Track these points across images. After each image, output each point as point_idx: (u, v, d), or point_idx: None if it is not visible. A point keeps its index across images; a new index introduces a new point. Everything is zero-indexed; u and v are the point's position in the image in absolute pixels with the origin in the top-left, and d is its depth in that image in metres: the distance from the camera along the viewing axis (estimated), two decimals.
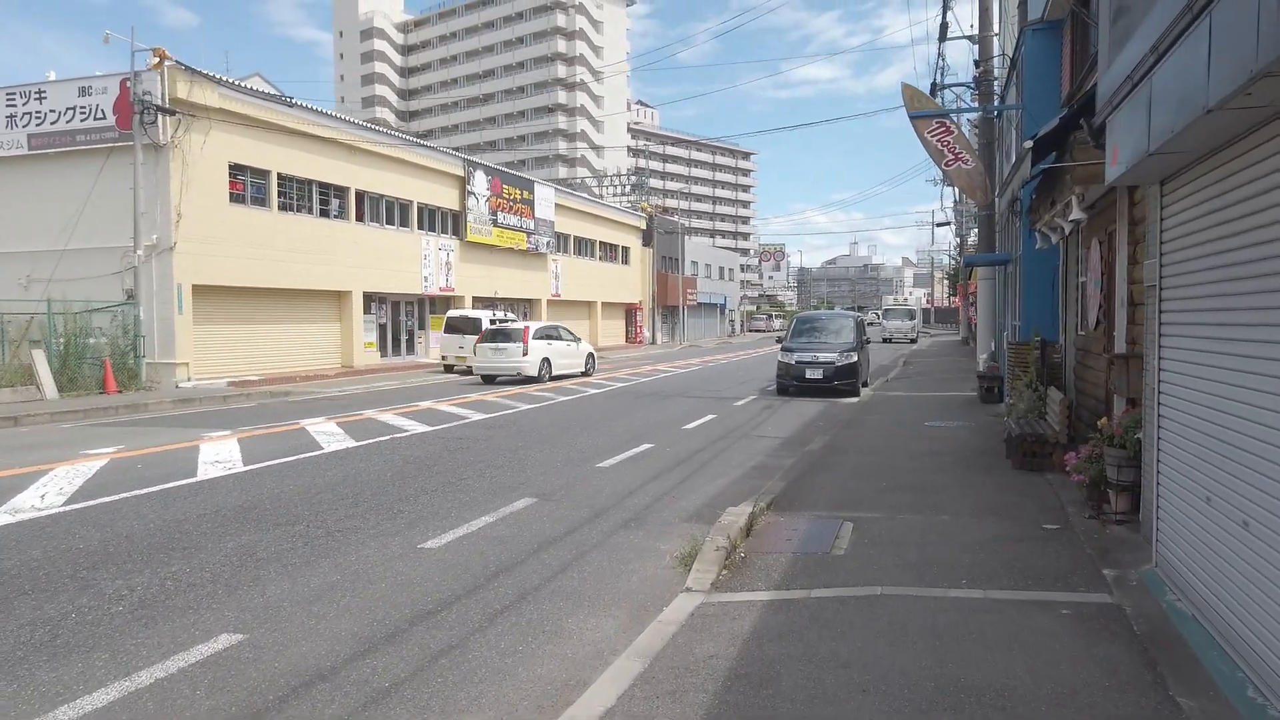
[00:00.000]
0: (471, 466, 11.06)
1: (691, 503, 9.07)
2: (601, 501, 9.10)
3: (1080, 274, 11.40)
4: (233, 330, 24.18)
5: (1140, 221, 7.81)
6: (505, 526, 7.98)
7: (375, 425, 15.09)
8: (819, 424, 15.56)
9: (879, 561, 6.38)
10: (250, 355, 24.68)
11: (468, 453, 12.20)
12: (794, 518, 7.81)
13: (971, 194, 14.31)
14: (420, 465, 11.16)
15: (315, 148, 26.37)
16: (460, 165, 34.26)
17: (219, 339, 23.58)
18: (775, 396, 20.81)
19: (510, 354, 23.94)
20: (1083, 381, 10.83)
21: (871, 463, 10.52)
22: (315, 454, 11.97)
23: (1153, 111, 4.63)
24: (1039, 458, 9.75)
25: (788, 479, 9.64)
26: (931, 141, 13.59)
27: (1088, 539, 6.80)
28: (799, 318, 24.18)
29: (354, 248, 28.26)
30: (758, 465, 11.39)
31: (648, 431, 14.61)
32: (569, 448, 12.79)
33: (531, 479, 10.30)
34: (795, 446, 12.81)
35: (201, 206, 22.34)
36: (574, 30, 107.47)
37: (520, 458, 11.83)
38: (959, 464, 10.36)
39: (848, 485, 9.17)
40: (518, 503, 8.97)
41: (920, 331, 61.09)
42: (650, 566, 6.75)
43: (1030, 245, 12.84)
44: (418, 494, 9.38)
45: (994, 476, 9.49)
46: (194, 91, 21.69)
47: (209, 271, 22.64)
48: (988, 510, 7.91)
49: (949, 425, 14.05)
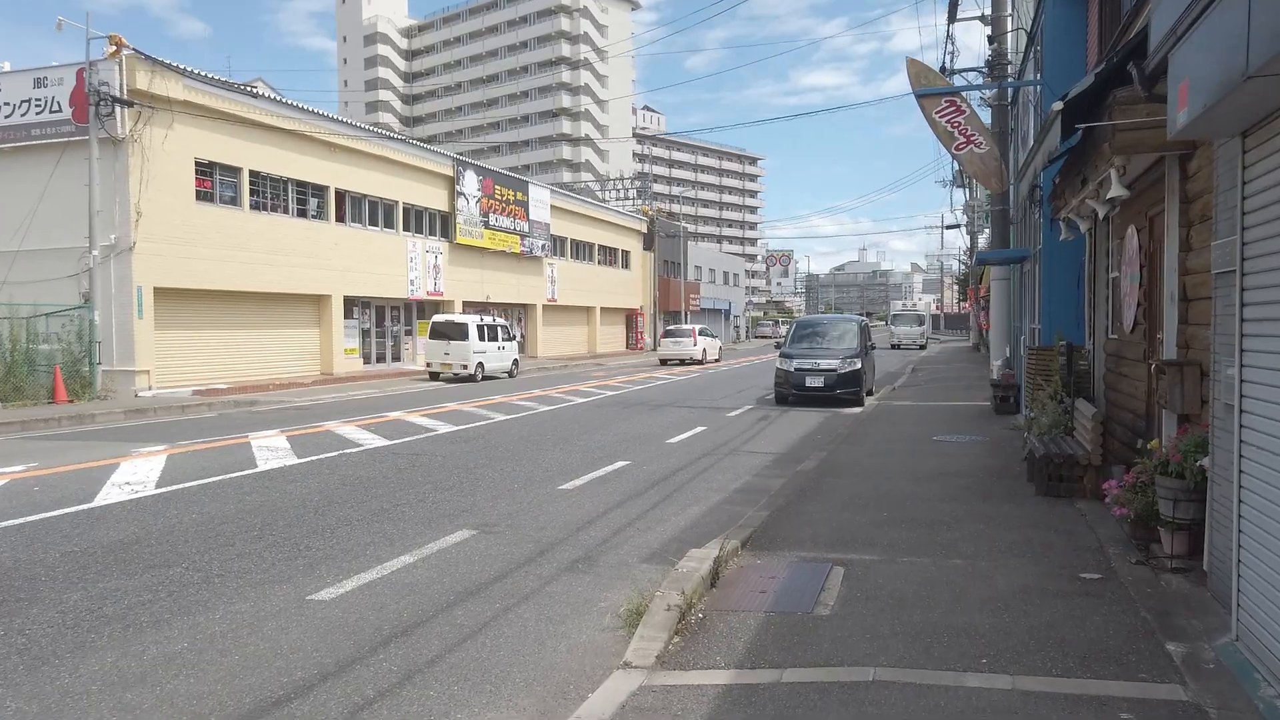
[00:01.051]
0: (415, 489, 9.69)
1: (657, 536, 7.67)
2: (551, 534, 7.71)
3: (1111, 268, 9.98)
4: (201, 336, 22.88)
5: (1196, 198, 6.40)
6: (425, 569, 6.60)
7: (328, 439, 13.74)
8: (817, 438, 14.15)
9: (874, 627, 4.98)
10: (220, 362, 23.38)
11: (418, 472, 10.83)
12: (773, 560, 6.41)
13: (985, 181, 12.92)
14: (358, 487, 9.79)
15: (291, 144, 25.10)
16: (449, 164, 32.98)
17: (185, 345, 22.28)
18: (773, 406, 19.41)
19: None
20: (1115, 393, 9.40)
21: (871, 487, 9.10)
22: (244, 474, 10.62)
23: (1255, 9, 3.24)
24: (1067, 482, 8.33)
25: (772, 506, 8.23)
26: (940, 123, 12.19)
27: (1140, 595, 5.38)
28: (799, 322, 22.79)
29: (334, 250, 26.97)
30: (742, 488, 9.99)
31: (626, 447, 13.23)
32: (534, 465, 11.42)
33: (478, 504, 8.92)
34: (787, 465, 11.40)
35: (165, 205, 21.06)
36: (578, 34, 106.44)
37: (474, 478, 10.46)
38: (973, 489, 8.93)
39: (841, 516, 7.75)
40: (451, 536, 7.60)
41: (929, 338, 59.61)
42: (586, 628, 5.36)
43: (1052, 238, 11.43)
44: (338, 525, 8.00)
45: (1015, 505, 8.06)
46: (155, 82, 20.43)
47: (173, 273, 21.35)
48: (1010, 551, 6.49)
49: (960, 440, 12.62)
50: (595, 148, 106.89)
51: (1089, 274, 11.04)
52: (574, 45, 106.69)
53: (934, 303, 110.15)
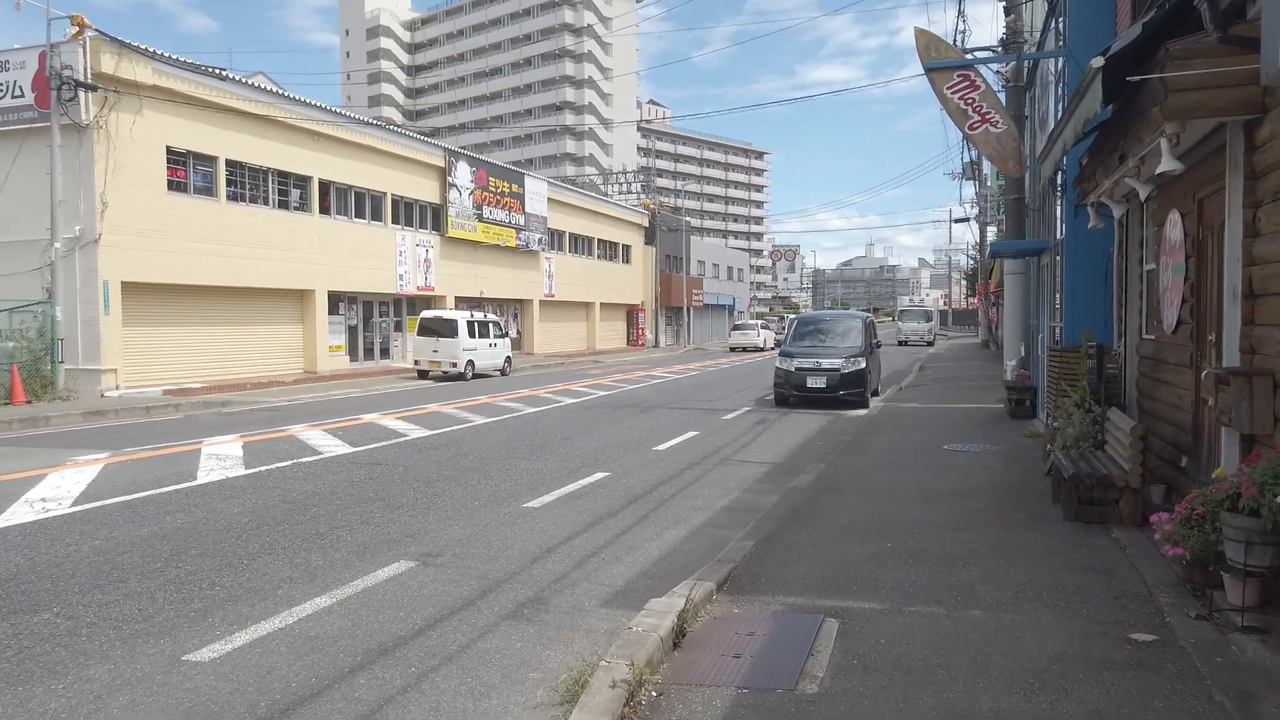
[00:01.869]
0: (361, 508, 8.63)
1: (624, 570, 6.60)
2: (501, 567, 6.65)
3: (1145, 259, 8.87)
4: (173, 333, 21.86)
5: (1266, 173, 5.30)
6: (339, 616, 5.54)
7: (288, 446, 12.70)
8: (817, 444, 13.06)
9: (874, 713, 3.89)
10: (195, 360, 22.36)
11: (372, 485, 9.77)
12: (754, 608, 5.33)
13: (1002, 163, 11.78)
14: (298, 506, 8.74)
15: (272, 132, 24.05)
16: (441, 155, 31.90)
17: (156, 342, 21.27)
18: (772, 408, 18.31)
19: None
20: (1152, 401, 8.29)
21: (873, 509, 8.00)
22: (178, 488, 9.57)
23: None
24: (1100, 506, 7.22)
25: (760, 533, 7.14)
26: (953, 100, 11.05)
27: (1208, 665, 4.28)
28: (800, 319, 21.66)
29: (318, 243, 25.93)
30: (730, 506, 8.91)
31: (609, 454, 12.16)
32: (503, 478, 10.35)
33: (427, 528, 7.86)
34: (782, 478, 10.32)
35: (133, 195, 20.03)
36: (582, 27, 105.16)
37: (433, 493, 9.39)
38: (990, 511, 7.82)
39: (838, 548, 6.66)
40: (385, 569, 6.53)
41: (937, 334, 58.36)
42: (514, 706, 4.28)
43: (1077, 226, 10.30)
44: (258, 555, 6.94)
45: (1040, 534, 6.95)
46: (122, 66, 19.39)
47: (143, 267, 20.34)
48: (1040, 598, 5.39)
49: (973, 449, 11.51)
50: (599, 141, 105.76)
51: (1118, 267, 9.93)
52: (577, 38, 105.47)
53: (942, 298, 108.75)
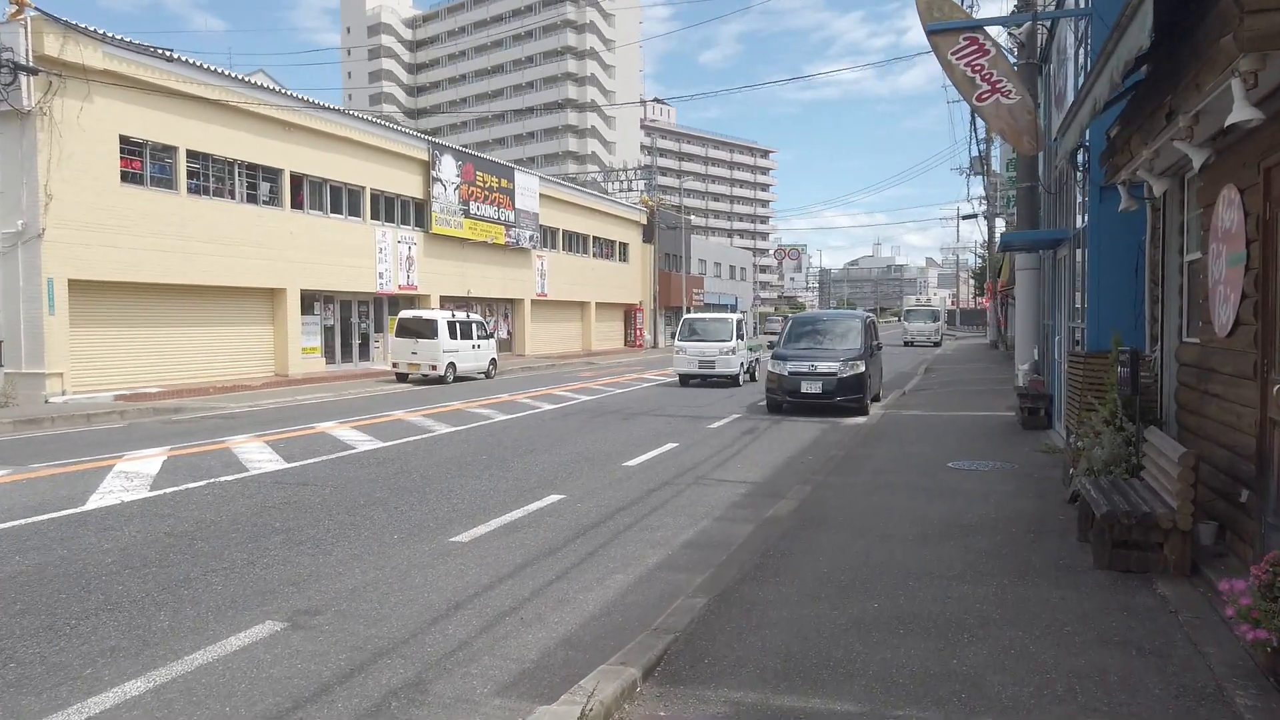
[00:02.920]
0: (255, 545, 7.29)
1: (543, 636, 5.25)
2: (389, 630, 5.29)
3: (1187, 248, 7.47)
4: (130, 333, 20.56)
5: None
6: (140, 714, 4.18)
7: (214, 461, 11.36)
8: (806, 460, 11.68)
9: None
10: (154, 363, 21.05)
11: (283, 514, 8.43)
12: (686, 710, 3.96)
13: (1015, 139, 10.36)
14: (182, 540, 7.40)
15: (239, 122, 22.73)
16: (424, 148, 30.55)
17: (109, 344, 19.97)
18: (764, 415, 16.93)
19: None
20: (1198, 418, 6.89)
21: (860, 551, 6.61)
22: (58, 515, 8.25)
23: None
24: (1140, 551, 5.83)
25: (717, 586, 5.77)
26: (959, 67, 9.63)
27: None
28: (795, 319, 20.27)
29: (290, 239, 24.60)
30: (693, 542, 7.53)
31: (572, 472, 10.81)
32: (440, 502, 9.01)
33: (322, 571, 6.51)
34: (761, 502, 8.95)
35: (82, 187, 18.74)
36: (584, 23, 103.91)
37: (350, 523, 8.05)
38: (1004, 555, 6.42)
39: (811, 610, 5.27)
40: (241, 635, 5.20)
41: (945, 334, 56.83)
42: None
43: (1104, 211, 8.90)
44: (95, 612, 5.61)
45: (1067, 589, 5.55)
46: (68, 49, 18.09)
47: (93, 264, 19.05)
48: (1073, 696, 4.00)
49: (982, 469, 10.10)
50: (602, 139, 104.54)
51: (1150, 258, 8.52)
52: (580, 35, 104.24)
53: (949, 298, 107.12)
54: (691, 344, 23.02)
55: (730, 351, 22.53)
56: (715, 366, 22.60)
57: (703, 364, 22.61)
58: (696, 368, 22.72)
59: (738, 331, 23.02)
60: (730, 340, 22.76)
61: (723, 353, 22.55)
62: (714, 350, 22.65)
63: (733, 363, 22.56)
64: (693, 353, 22.79)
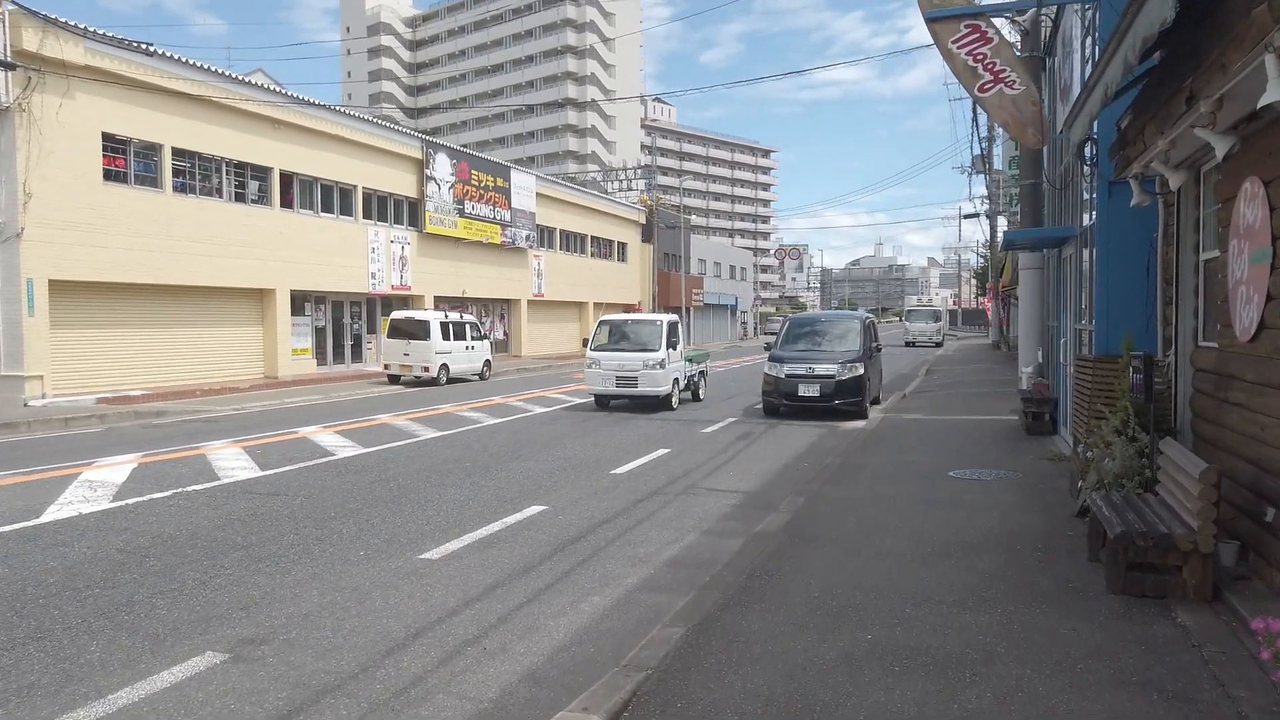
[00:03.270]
0: (208, 563, 6.85)
1: (506, 671, 4.81)
2: (337, 664, 4.86)
3: (1204, 245, 7.02)
4: (114, 335, 20.13)
5: None
6: None
7: (186, 469, 10.93)
8: (802, 467, 11.23)
9: None
10: (139, 365, 20.62)
11: (246, 527, 7.99)
12: None
13: (1019, 131, 9.90)
14: (134, 558, 6.97)
15: (226, 119, 22.30)
16: (418, 146, 30.11)
17: (93, 346, 19.55)
18: (760, 419, 16.49)
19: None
20: (1216, 428, 6.43)
21: (854, 572, 6.15)
22: (10, 529, 7.82)
23: None
24: (1157, 574, 5.38)
25: (698, 612, 5.32)
26: (960, 56, 9.16)
27: None
28: (792, 320, 19.78)
29: (279, 238, 24.17)
30: (677, 559, 7.08)
31: (556, 480, 10.36)
32: (415, 514, 8.57)
33: (277, 593, 6.07)
34: (752, 514, 8.51)
35: (63, 185, 18.32)
36: (584, 22, 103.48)
37: (316, 537, 7.61)
38: (1008, 576, 5.97)
39: (799, 641, 4.82)
40: (175, 669, 4.78)
41: (946, 334, 56.36)
42: None
43: (1114, 206, 8.45)
44: (22, 643, 5.20)
45: (1079, 617, 5.10)
46: (47, 44, 17.66)
47: (74, 264, 18.62)
48: None
49: (984, 479, 9.64)
50: (602, 139, 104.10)
51: (1163, 256, 8.06)
52: (580, 34, 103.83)
53: (951, 298, 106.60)
54: (608, 354, 17.64)
55: (658, 364, 17.19)
56: (638, 384, 17.24)
57: (622, 380, 17.28)
58: (614, 385, 17.38)
59: (669, 338, 17.53)
60: (658, 349, 17.34)
61: (648, 366, 17.20)
62: (636, 363, 17.31)
63: (661, 379, 17.19)
64: (609, 366, 17.45)
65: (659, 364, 17.24)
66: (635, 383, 17.28)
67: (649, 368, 17.23)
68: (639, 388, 17.33)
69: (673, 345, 17.78)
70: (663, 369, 17.24)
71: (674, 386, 17.78)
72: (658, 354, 17.31)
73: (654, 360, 17.25)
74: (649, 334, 17.78)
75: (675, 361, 17.94)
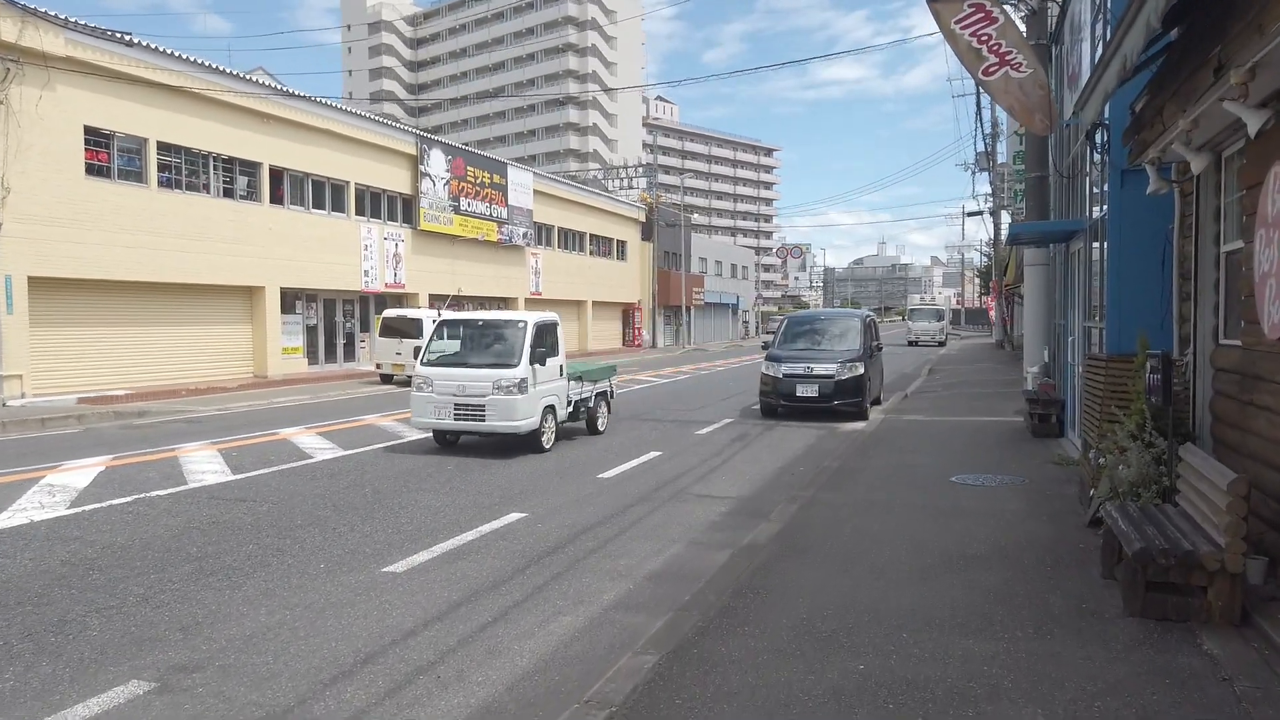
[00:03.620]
0: (155, 576, 6.39)
1: (466, 700, 4.38)
2: (273, 695, 4.40)
3: (1225, 236, 6.53)
4: (97, 333, 19.68)
5: None
6: None
7: (153, 473, 10.47)
8: (797, 471, 10.75)
9: None
10: (123, 364, 20.17)
11: (204, 536, 7.52)
12: None
13: (1026, 117, 9.39)
14: (77, 571, 6.51)
15: (213, 113, 21.84)
16: (412, 142, 29.64)
17: (75, 344, 19.11)
18: (757, 420, 16.01)
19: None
20: (1241, 433, 5.95)
21: (846, 590, 5.67)
22: None
23: None
24: (1180, 595, 4.89)
25: (675, 636, 4.84)
26: (963, 37, 8.68)
27: None
28: (791, 318, 19.30)
29: (269, 235, 23.71)
30: (659, 572, 6.61)
31: (539, 484, 9.90)
32: (385, 521, 8.11)
33: (223, 611, 5.61)
34: (743, 522, 8.04)
35: (43, 179, 17.87)
36: (586, 20, 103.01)
37: (277, 548, 7.15)
38: (1015, 594, 5.48)
39: (782, 672, 4.34)
40: (96, 699, 4.36)
41: (949, 334, 55.82)
42: None
43: (1128, 196, 7.96)
44: None
45: (1095, 644, 4.61)
46: (26, 34, 17.20)
47: (56, 261, 18.18)
48: None
49: (988, 484, 9.16)
50: (603, 137, 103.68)
51: (1179, 249, 7.57)
52: (581, 32, 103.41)
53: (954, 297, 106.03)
54: (445, 372, 12.15)
55: (515, 387, 11.76)
56: (485, 415, 11.83)
57: (463, 411, 11.85)
58: (451, 417, 11.97)
59: (535, 347, 12.09)
60: (517, 364, 11.92)
61: (502, 389, 11.76)
62: (483, 384, 11.83)
63: (520, 408, 11.79)
64: (445, 389, 11.97)
65: (517, 386, 11.68)
66: (481, 413, 11.77)
67: (502, 391, 11.67)
68: (487, 421, 11.76)
69: (540, 359, 12.14)
70: (523, 393, 11.72)
71: (546, 418, 12.25)
72: (515, 371, 11.73)
73: (510, 380, 11.68)
74: (506, 341, 12.24)
75: (549, 382, 12.43)
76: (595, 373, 14.37)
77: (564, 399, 12.99)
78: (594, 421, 14.05)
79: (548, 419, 12.36)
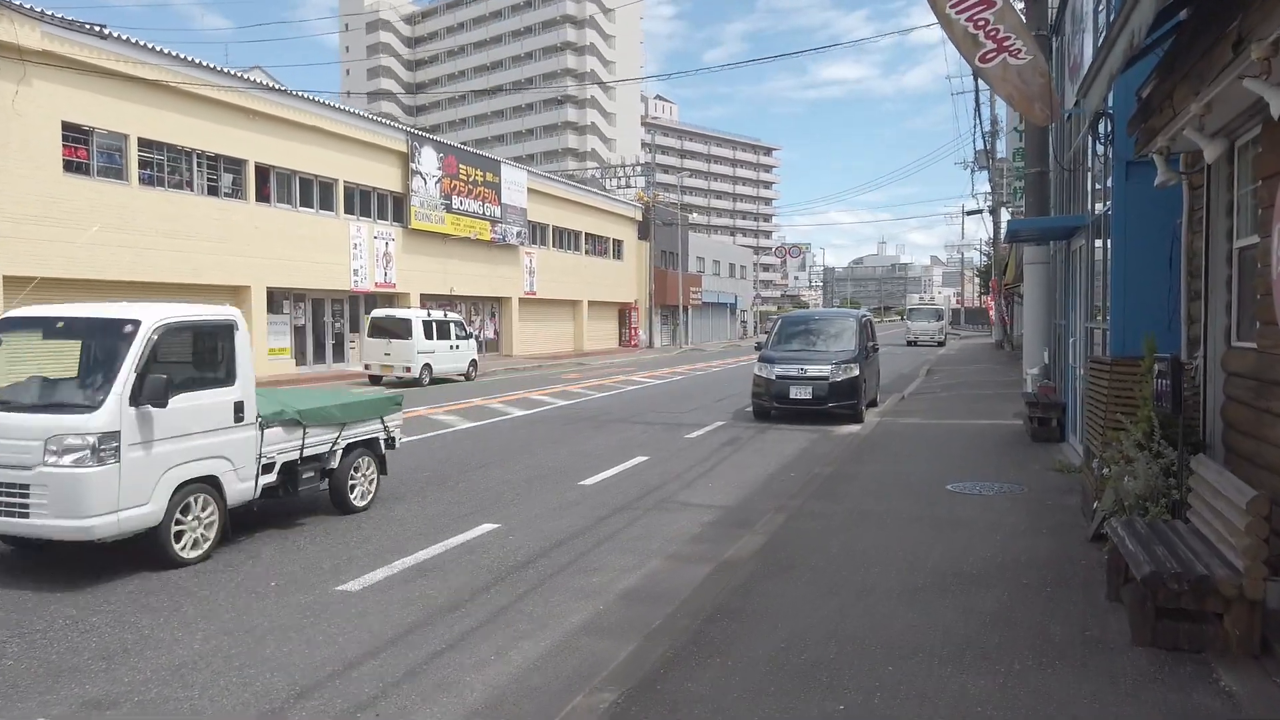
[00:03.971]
0: (78, 601, 5.95)
1: None
2: None
3: (1238, 231, 6.09)
4: None
5: None
6: None
7: None
8: (788, 477, 10.32)
9: None
10: None
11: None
12: None
13: (1025, 106, 8.96)
14: (13, 586, 6.06)
15: (196, 109, 21.43)
16: (403, 139, 29.22)
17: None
18: (750, 423, 15.57)
19: None
20: (1255, 441, 5.51)
21: (831, 614, 5.24)
22: None
23: None
24: (1194, 622, 4.46)
25: (640, 669, 4.42)
26: (958, 22, 8.25)
27: None
28: (785, 318, 18.88)
29: (255, 233, 23.28)
30: (633, 590, 6.18)
31: (518, 493, 9.47)
32: (349, 534, 7.68)
33: (156, 634, 5.20)
34: (726, 534, 7.61)
35: (19, 176, 17.47)
36: (584, 19, 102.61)
37: (232, 563, 6.70)
38: (1013, 620, 5.05)
39: (755, 713, 3.91)
40: None
41: (949, 333, 55.38)
42: None
43: (1133, 189, 7.54)
44: None
45: (1101, 681, 4.18)
46: (0, 27, 16.78)
47: (32, 259, 17.71)
48: None
49: (986, 493, 8.73)
50: (602, 136, 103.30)
51: (1187, 245, 7.14)
52: (579, 30, 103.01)
53: (953, 296, 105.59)
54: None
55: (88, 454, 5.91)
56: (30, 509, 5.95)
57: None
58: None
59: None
60: (93, 407, 6.05)
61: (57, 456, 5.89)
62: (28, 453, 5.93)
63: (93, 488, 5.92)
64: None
65: (90, 452, 5.97)
66: (25, 508, 6.01)
67: (58, 460, 5.98)
68: (31, 518, 6.01)
69: (154, 400, 6.25)
70: (98, 465, 5.98)
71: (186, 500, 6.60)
72: (90, 419, 6.03)
73: (73, 443, 5.98)
74: (89, 365, 6.64)
75: (193, 433, 6.74)
76: (336, 411, 8.31)
77: (254, 458, 7.36)
78: (342, 490, 8.32)
79: (191, 500, 6.65)
